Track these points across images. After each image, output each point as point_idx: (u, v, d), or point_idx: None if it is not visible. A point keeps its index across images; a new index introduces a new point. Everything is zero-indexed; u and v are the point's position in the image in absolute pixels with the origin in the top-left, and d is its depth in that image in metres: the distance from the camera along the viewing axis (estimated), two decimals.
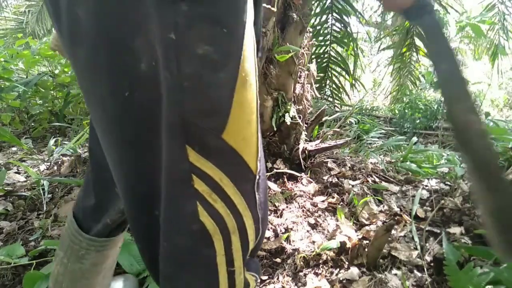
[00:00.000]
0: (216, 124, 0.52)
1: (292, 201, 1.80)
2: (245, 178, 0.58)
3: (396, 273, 1.34)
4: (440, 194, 1.85)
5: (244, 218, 0.58)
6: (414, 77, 5.70)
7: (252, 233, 0.60)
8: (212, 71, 0.50)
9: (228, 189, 0.55)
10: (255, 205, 0.59)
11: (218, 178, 0.54)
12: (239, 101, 0.53)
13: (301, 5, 1.88)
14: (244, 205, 0.57)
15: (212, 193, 0.54)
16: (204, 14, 0.48)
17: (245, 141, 0.56)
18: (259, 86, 2.00)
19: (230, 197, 0.56)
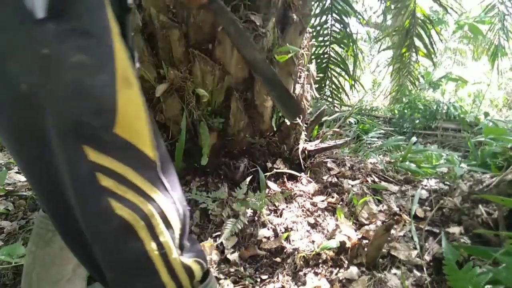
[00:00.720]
0: (107, 121, 0.57)
1: (292, 201, 1.81)
2: (147, 166, 0.62)
3: (396, 273, 1.34)
4: (439, 194, 1.86)
5: (158, 201, 0.62)
6: (413, 78, 5.70)
7: (172, 213, 0.64)
8: (91, 75, 0.56)
9: (134, 179, 0.60)
10: (165, 188, 0.64)
11: (122, 171, 0.59)
12: (123, 98, 0.59)
13: (301, 6, 1.89)
14: (154, 190, 0.62)
15: (120, 185, 0.58)
16: (71, 28, 0.55)
17: (138, 133, 0.61)
18: (259, 86, 2.00)
19: (138, 186, 0.60)
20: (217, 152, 1.85)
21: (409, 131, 4.66)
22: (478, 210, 1.59)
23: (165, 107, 1.73)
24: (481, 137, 2.78)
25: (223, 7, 0.89)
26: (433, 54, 5.08)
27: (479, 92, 7.12)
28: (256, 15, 1.67)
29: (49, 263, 0.85)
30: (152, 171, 0.63)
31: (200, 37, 1.68)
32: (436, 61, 5.99)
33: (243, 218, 1.60)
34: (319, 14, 4.50)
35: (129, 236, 0.59)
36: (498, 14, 5.23)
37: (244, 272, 1.42)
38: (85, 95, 0.56)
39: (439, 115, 4.90)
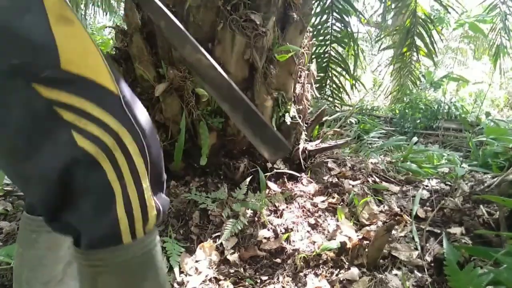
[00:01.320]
0: (49, 58, 0.58)
1: (292, 201, 1.80)
2: (108, 99, 0.62)
3: (397, 274, 1.34)
4: (440, 194, 1.85)
5: (121, 135, 0.62)
6: (414, 77, 5.69)
7: (134, 148, 0.63)
8: (18, 17, 0.56)
9: (95, 112, 0.60)
10: (131, 123, 0.63)
11: (80, 105, 0.59)
12: (61, 34, 0.58)
13: (301, 5, 1.88)
14: (117, 124, 0.61)
15: (81, 118, 0.59)
16: None
17: (92, 67, 0.61)
18: (259, 86, 1.99)
19: (100, 119, 0.60)
20: (216, 152, 1.84)
21: (410, 131, 4.65)
22: (479, 210, 1.58)
23: (165, 106, 1.73)
24: (482, 137, 2.77)
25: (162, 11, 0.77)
26: (434, 53, 5.07)
27: (480, 92, 7.11)
28: (256, 14, 1.66)
29: (37, 264, 0.84)
30: (114, 103, 0.62)
31: (199, 36, 1.67)
32: (437, 61, 5.98)
33: (243, 219, 1.59)
34: (319, 13, 4.49)
35: (92, 167, 0.60)
36: (500, 13, 5.21)
37: (244, 273, 1.42)
38: (15, 37, 0.56)
39: (440, 115, 4.89)
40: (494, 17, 5.42)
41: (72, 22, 0.61)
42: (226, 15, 1.61)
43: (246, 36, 1.64)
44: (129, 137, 0.63)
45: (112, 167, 0.61)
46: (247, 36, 1.64)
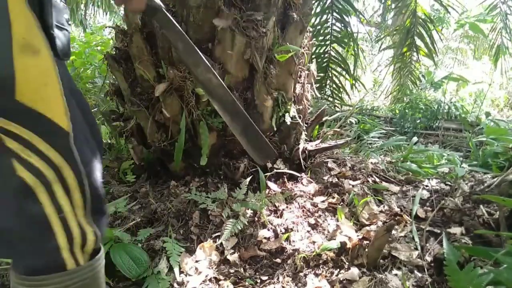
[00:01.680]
0: (5, 88, 0.58)
1: (292, 201, 1.80)
2: (56, 135, 0.64)
3: (397, 273, 1.34)
4: (440, 194, 1.85)
5: (62, 170, 0.64)
6: (414, 77, 5.69)
7: (73, 183, 0.66)
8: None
9: (40, 145, 0.62)
10: (74, 159, 0.66)
11: (27, 136, 0.61)
12: (22, 64, 0.59)
13: (301, 5, 1.88)
14: (60, 159, 0.63)
15: (25, 149, 0.60)
16: None
17: (45, 101, 0.62)
18: (259, 86, 2.00)
19: (44, 152, 0.62)
20: (216, 152, 1.84)
21: (410, 131, 4.65)
22: (479, 210, 1.58)
23: (165, 106, 1.73)
24: (482, 137, 2.77)
25: (168, 18, 0.83)
26: (434, 53, 5.07)
27: (480, 92, 7.10)
28: (256, 14, 1.66)
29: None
30: (61, 139, 0.64)
31: (199, 36, 1.67)
32: (437, 61, 5.98)
33: (243, 219, 1.59)
34: (319, 13, 4.50)
35: (28, 198, 0.61)
36: (500, 13, 5.21)
37: (244, 273, 1.42)
38: None
39: (440, 115, 4.89)
40: (494, 17, 5.41)
41: (38, 52, 0.61)
42: (226, 15, 1.61)
43: (246, 36, 1.64)
44: (71, 172, 0.65)
45: (51, 199, 0.63)
46: (247, 36, 1.64)
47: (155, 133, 1.82)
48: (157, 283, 1.31)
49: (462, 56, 10.36)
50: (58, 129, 0.64)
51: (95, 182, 0.71)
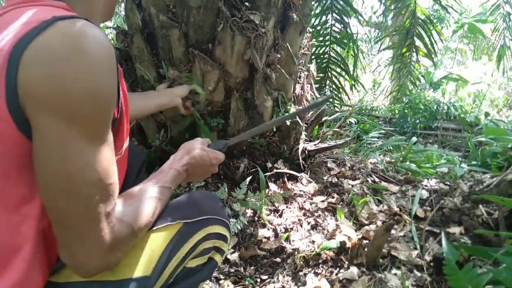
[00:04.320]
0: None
1: (292, 201, 1.80)
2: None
3: (396, 273, 1.34)
4: (439, 194, 1.85)
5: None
6: (413, 77, 5.70)
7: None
8: None
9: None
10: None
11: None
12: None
13: (301, 6, 1.88)
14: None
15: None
16: None
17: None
18: (259, 86, 1.99)
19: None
20: None
21: (410, 131, 4.65)
22: (479, 210, 1.58)
23: None
24: (481, 137, 2.77)
25: (237, 140, 1.12)
26: (433, 54, 5.08)
27: (479, 92, 7.11)
28: (256, 14, 1.66)
29: None
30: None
31: (200, 37, 1.68)
32: (436, 61, 5.99)
33: (243, 218, 1.60)
34: (319, 14, 4.50)
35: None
36: (503, 14, 5.20)
37: (244, 272, 1.42)
38: None
39: (439, 115, 4.89)
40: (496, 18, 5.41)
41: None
42: (226, 16, 1.61)
43: (246, 37, 1.65)
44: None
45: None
46: (247, 36, 1.65)
47: (155, 133, 1.83)
48: None
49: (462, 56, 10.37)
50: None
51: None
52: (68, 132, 0.54)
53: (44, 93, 0.53)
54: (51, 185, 0.56)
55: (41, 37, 0.53)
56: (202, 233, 0.78)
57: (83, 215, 0.57)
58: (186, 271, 0.76)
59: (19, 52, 0.52)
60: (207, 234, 0.79)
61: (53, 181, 0.56)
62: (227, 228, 0.84)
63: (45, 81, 0.52)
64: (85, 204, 0.57)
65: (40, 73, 0.52)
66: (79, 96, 0.54)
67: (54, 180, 0.55)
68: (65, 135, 0.54)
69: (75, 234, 0.58)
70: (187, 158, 0.86)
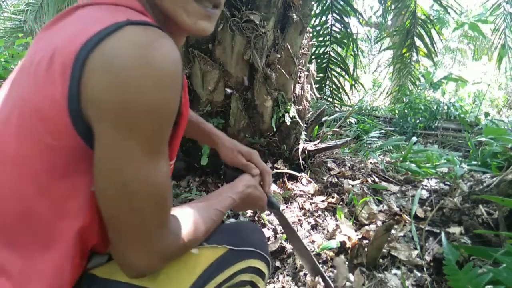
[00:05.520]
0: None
1: (292, 201, 1.80)
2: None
3: (396, 273, 1.34)
4: (439, 194, 1.85)
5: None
6: (414, 78, 5.70)
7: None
8: None
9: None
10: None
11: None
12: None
13: (301, 6, 1.89)
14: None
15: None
16: None
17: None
18: (259, 86, 1.98)
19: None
20: (217, 152, 1.84)
21: (410, 131, 4.65)
22: (479, 210, 1.58)
23: None
24: (481, 137, 2.77)
25: (281, 212, 1.11)
26: (434, 54, 5.08)
27: (479, 92, 7.11)
28: (256, 14, 1.67)
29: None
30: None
31: (200, 37, 1.68)
32: (436, 61, 5.99)
33: (243, 218, 1.59)
34: (319, 14, 4.50)
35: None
36: (504, 13, 5.20)
37: None
38: None
39: (439, 115, 4.89)
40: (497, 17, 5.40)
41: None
42: (226, 16, 1.61)
43: (246, 37, 1.65)
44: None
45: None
46: (247, 36, 1.65)
47: None
48: None
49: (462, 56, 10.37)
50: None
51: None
52: (126, 142, 0.54)
53: (106, 102, 0.52)
54: (107, 193, 0.57)
55: (109, 41, 0.52)
56: (243, 264, 0.77)
57: (136, 224, 0.58)
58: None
59: (85, 53, 0.52)
60: (248, 266, 0.78)
61: (108, 189, 0.56)
62: (267, 266, 0.83)
63: (108, 90, 0.51)
64: (139, 215, 0.58)
65: (104, 81, 0.51)
66: (141, 110, 0.53)
67: (110, 188, 0.56)
68: (123, 145, 0.54)
69: (128, 240, 0.59)
70: (246, 193, 0.89)
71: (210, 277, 0.72)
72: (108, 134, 0.54)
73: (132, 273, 0.62)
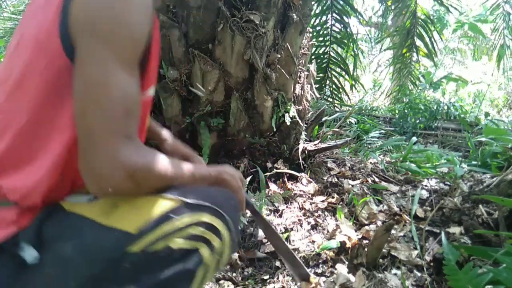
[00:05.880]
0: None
1: (292, 201, 1.80)
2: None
3: (396, 273, 1.34)
4: (439, 194, 1.85)
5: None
6: (414, 78, 5.70)
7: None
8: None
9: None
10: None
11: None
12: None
13: (301, 6, 1.89)
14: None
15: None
16: None
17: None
18: (259, 86, 1.99)
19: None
20: (217, 152, 1.85)
21: (410, 131, 4.64)
22: (479, 210, 1.58)
23: (165, 107, 1.73)
24: (481, 137, 2.77)
25: (256, 210, 1.13)
26: (434, 54, 5.08)
27: (479, 92, 7.11)
28: (256, 14, 1.67)
29: None
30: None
31: (200, 37, 1.68)
32: (436, 61, 5.99)
33: (243, 219, 1.59)
34: (319, 14, 4.50)
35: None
36: (503, 13, 5.20)
37: (244, 272, 1.42)
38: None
39: (439, 115, 4.89)
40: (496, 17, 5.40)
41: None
42: (226, 16, 1.61)
43: (246, 37, 1.65)
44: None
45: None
46: (247, 36, 1.65)
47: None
48: None
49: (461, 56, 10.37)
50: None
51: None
52: (102, 52, 0.65)
53: (87, 17, 0.65)
54: (81, 94, 0.66)
55: None
56: (195, 217, 0.74)
57: (104, 125, 0.65)
58: (167, 252, 0.72)
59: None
60: (199, 220, 0.75)
61: (83, 91, 0.65)
62: (226, 226, 0.78)
63: (89, 8, 0.65)
64: (108, 115, 0.65)
65: (85, 2, 0.65)
66: (117, 22, 0.66)
67: (85, 89, 0.65)
68: (100, 53, 0.65)
69: (94, 145, 0.65)
70: (222, 177, 0.91)
71: (158, 225, 0.72)
72: (86, 45, 0.65)
73: (96, 185, 0.67)
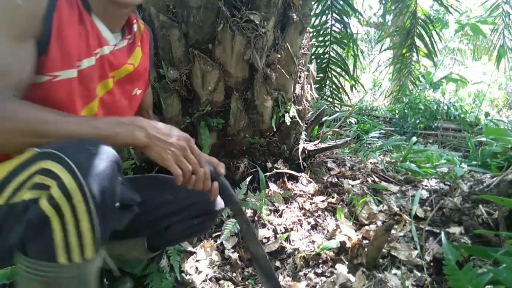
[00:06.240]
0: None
1: (292, 201, 1.80)
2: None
3: (396, 273, 1.34)
4: (439, 194, 1.85)
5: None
6: (414, 78, 5.70)
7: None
8: None
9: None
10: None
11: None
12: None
13: (301, 6, 1.89)
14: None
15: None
16: None
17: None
18: (259, 86, 1.98)
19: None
20: (217, 152, 1.84)
21: (410, 131, 4.65)
22: (479, 210, 1.58)
23: (165, 107, 1.73)
24: (481, 137, 2.77)
25: (241, 209, 1.08)
26: (434, 54, 5.08)
27: (479, 92, 7.11)
28: (256, 14, 1.67)
29: None
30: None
31: (200, 37, 1.68)
32: (436, 61, 5.99)
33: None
34: (319, 14, 4.50)
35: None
36: (503, 13, 5.20)
37: (244, 272, 1.42)
38: None
39: (439, 115, 4.89)
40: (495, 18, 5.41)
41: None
42: (226, 16, 1.61)
43: (246, 37, 1.65)
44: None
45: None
46: (247, 36, 1.65)
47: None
48: (160, 282, 1.31)
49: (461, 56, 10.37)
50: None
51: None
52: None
53: None
54: None
55: None
56: (37, 166, 0.71)
57: None
58: (23, 204, 0.70)
59: None
60: (40, 168, 0.70)
61: None
62: (66, 169, 0.69)
63: None
64: None
65: None
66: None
67: None
68: None
69: None
70: (115, 131, 0.81)
71: (11, 178, 0.72)
72: None
73: None
